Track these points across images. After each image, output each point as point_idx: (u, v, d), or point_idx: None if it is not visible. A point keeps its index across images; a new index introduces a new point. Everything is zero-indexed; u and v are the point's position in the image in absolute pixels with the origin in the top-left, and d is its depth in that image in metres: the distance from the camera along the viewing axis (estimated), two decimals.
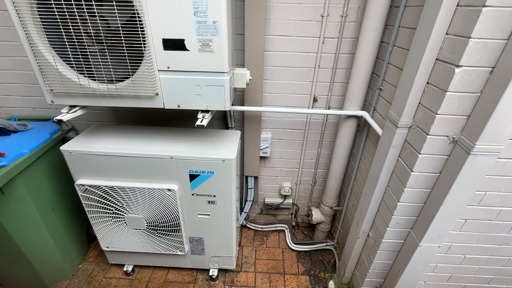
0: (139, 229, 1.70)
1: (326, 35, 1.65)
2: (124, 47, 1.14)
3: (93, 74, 1.22)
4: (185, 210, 1.64)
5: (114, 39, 1.13)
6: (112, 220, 1.66)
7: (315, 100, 1.87)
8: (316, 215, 2.22)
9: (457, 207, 1.16)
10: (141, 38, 1.13)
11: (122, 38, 1.12)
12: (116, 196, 1.55)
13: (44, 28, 1.12)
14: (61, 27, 1.11)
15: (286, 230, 2.40)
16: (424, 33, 1.02)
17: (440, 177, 1.17)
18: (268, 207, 2.39)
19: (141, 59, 1.17)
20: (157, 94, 1.27)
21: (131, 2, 1.06)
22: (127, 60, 1.17)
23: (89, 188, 1.52)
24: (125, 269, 1.96)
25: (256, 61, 1.67)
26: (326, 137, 2.03)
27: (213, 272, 1.95)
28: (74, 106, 1.38)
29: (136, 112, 2.00)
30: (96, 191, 1.53)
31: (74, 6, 1.06)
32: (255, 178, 2.21)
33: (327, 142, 2.06)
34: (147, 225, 1.66)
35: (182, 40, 1.14)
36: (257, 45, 1.62)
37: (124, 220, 1.66)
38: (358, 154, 1.83)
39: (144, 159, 1.45)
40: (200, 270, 2.03)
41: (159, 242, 1.75)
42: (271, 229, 2.43)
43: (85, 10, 1.06)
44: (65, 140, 1.59)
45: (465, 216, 1.30)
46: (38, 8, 1.08)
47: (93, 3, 1.05)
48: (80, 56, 1.17)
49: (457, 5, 0.93)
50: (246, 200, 2.28)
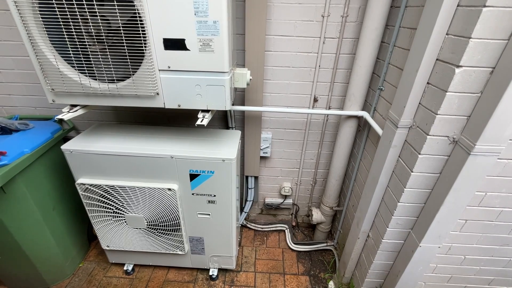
0: (140, 229, 1.70)
1: (327, 35, 1.65)
2: (125, 47, 1.14)
3: (94, 74, 1.22)
4: (185, 210, 1.64)
5: (115, 39, 1.13)
6: (113, 219, 1.67)
7: (316, 100, 1.87)
8: (316, 215, 2.22)
9: (457, 208, 1.16)
10: (142, 38, 1.13)
11: (123, 38, 1.12)
12: (117, 196, 1.55)
13: (46, 28, 1.12)
14: (63, 27, 1.11)
15: (286, 230, 2.40)
16: (425, 33, 1.02)
17: (440, 178, 1.17)
18: (268, 207, 2.39)
19: (142, 59, 1.18)
20: (158, 94, 1.27)
21: (132, 2, 1.06)
22: (128, 60, 1.18)
23: (90, 187, 1.52)
24: (125, 268, 1.96)
25: (257, 61, 1.68)
26: (327, 137, 2.03)
27: (213, 272, 1.95)
28: (75, 106, 1.38)
29: (137, 112, 2.01)
30: (97, 190, 1.54)
31: (76, 6, 1.06)
32: (255, 178, 2.22)
33: (328, 142, 2.06)
34: (148, 225, 1.67)
35: (183, 40, 1.14)
36: (258, 45, 1.62)
37: (125, 220, 1.66)
38: (359, 154, 1.83)
39: (145, 159, 1.45)
40: (200, 270, 2.03)
41: (159, 242, 1.76)
42: (271, 229, 2.44)
43: (87, 10, 1.07)
44: (66, 139, 1.60)
45: (465, 217, 1.30)
46: (40, 8, 1.08)
47: (94, 3, 1.05)
48: (81, 56, 1.18)
49: (458, 5, 0.93)
50: (246, 200, 2.28)
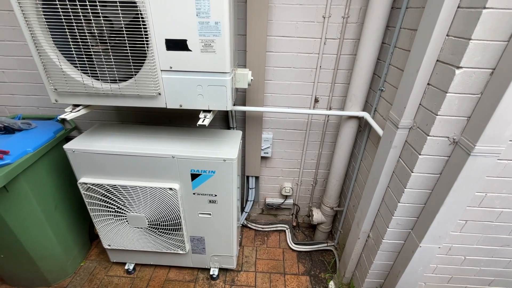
0: (141, 228, 1.71)
1: (328, 36, 1.65)
2: (128, 47, 1.15)
3: (97, 74, 1.23)
4: (186, 209, 1.65)
5: (118, 39, 1.14)
6: (114, 219, 1.68)
7: (317, 101, 1.87)
8: (317, 216, 2.22)
9: (457, 208, 1.16)
10: (144, 39, 1.14)
11: (126, 39, 1.13)
12: (118, 195, 1.56)
13: (49, 28, 1.14)
14: (66, 27, 1.12)
15: (287, 230, 2.41)
16: (425, 35, 1.03)
17: (440, 178, 1.17)
18: (269, 207, 2.40)
19: (144, 59, 1.19)
20: (160, 94, 1.28)
21: (135, 3, 1.07)
22: (130, 60, 1.18)
23: (92, 187, 1.53)
24: (127, 268, 1.97)
25: (258, 62, 1.68)
26: (327, 138, 2.04)
27: (214, 271, 1.95)
28: (78, 105, 1.39)
29: (139, 112, 2.02)
30: (99, 190, 1.54)
31: (79, 7, 1.07)
32: (256, 178, 2.22)
33: (328, 143, 2.06)
34: (149, 224, 1.68)
35: (185, 41, 1.15)
36: (259, 46, 1.63)
37: (126, 219, 1.67)
38: (359, 155, 1.83)
39: (146, 158, 1.46)
40: (201, 269, 2.04)
41: (161, 241, 1.77)
42: (272, 229, 2.44)
43: (90, 11, 1.08)
44: (69, 139, 1.60)
45: (466, 217, 1.30)
46: (44, 9, 1.09)
47: (97, 4, 1.06)
48: (84, 56, 1.19)
49: (458, 7, 0.94)
50: (247, 200, 2.29)
